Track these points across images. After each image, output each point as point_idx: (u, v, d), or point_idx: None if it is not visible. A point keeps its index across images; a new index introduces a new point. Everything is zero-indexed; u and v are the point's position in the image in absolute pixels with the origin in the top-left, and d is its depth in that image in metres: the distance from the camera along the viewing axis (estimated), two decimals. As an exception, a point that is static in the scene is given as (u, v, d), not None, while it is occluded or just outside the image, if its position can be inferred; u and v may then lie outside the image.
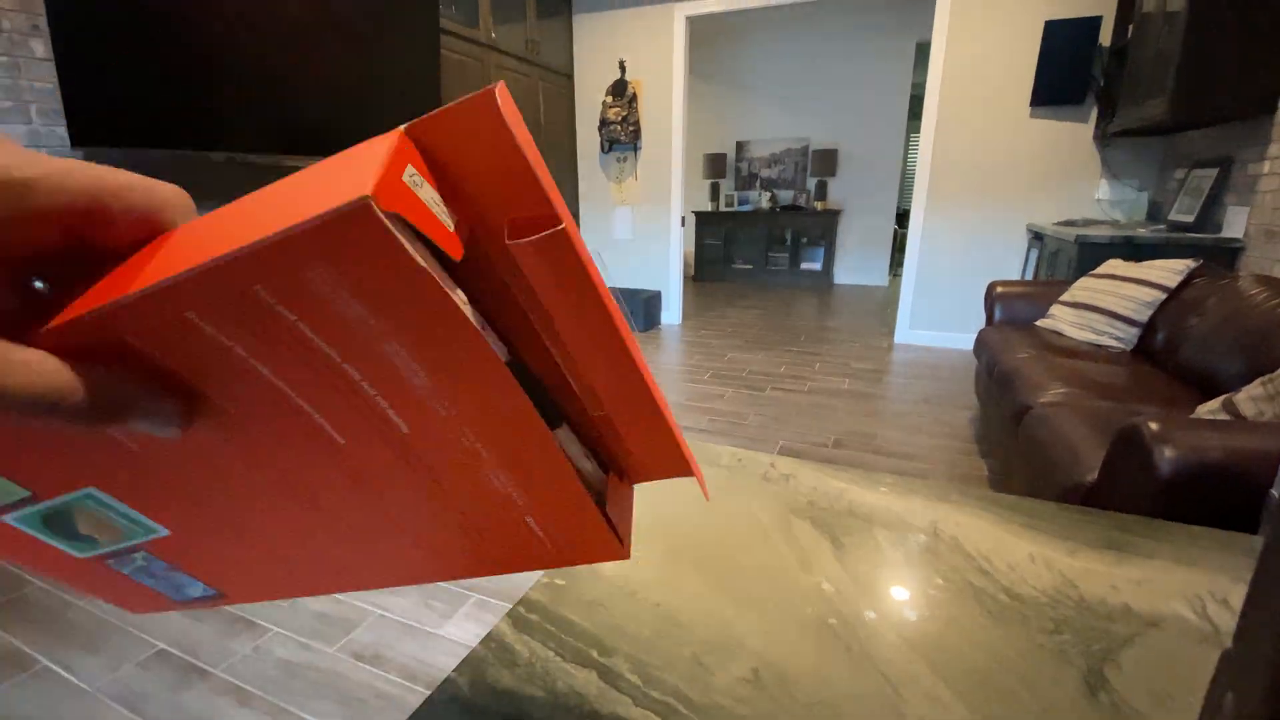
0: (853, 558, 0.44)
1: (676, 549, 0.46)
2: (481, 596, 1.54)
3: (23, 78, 1.72)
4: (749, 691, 0.33)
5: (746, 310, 5.32)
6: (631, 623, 0.38)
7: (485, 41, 3.57)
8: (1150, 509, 1.04)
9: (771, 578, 0.42)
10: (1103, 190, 3.42)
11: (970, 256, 3.78)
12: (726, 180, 6.88)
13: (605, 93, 4.48)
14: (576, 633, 0.37)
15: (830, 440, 2.55)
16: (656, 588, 0.41)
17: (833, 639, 0.36)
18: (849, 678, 0.33)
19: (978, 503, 0.51)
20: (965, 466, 2.31)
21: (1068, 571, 0.42)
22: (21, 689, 1.27)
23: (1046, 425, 1.56)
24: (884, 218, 6.49)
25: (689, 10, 4.12)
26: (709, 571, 0.43)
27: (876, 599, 0.40)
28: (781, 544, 0.46)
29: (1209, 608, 0.38)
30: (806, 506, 0.51)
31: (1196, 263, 2.17)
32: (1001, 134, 3.55)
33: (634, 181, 4.62)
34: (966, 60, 3.53)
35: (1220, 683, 0.22)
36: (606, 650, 0.36)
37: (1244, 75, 2.27)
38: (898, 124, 6.15)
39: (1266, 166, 2.30)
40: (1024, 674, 0.34)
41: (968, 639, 0.36)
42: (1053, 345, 2.21)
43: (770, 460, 0.59)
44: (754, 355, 3.84)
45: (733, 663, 0.35)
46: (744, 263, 6.83)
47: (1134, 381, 1.85)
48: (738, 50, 6.53)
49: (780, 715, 0.31)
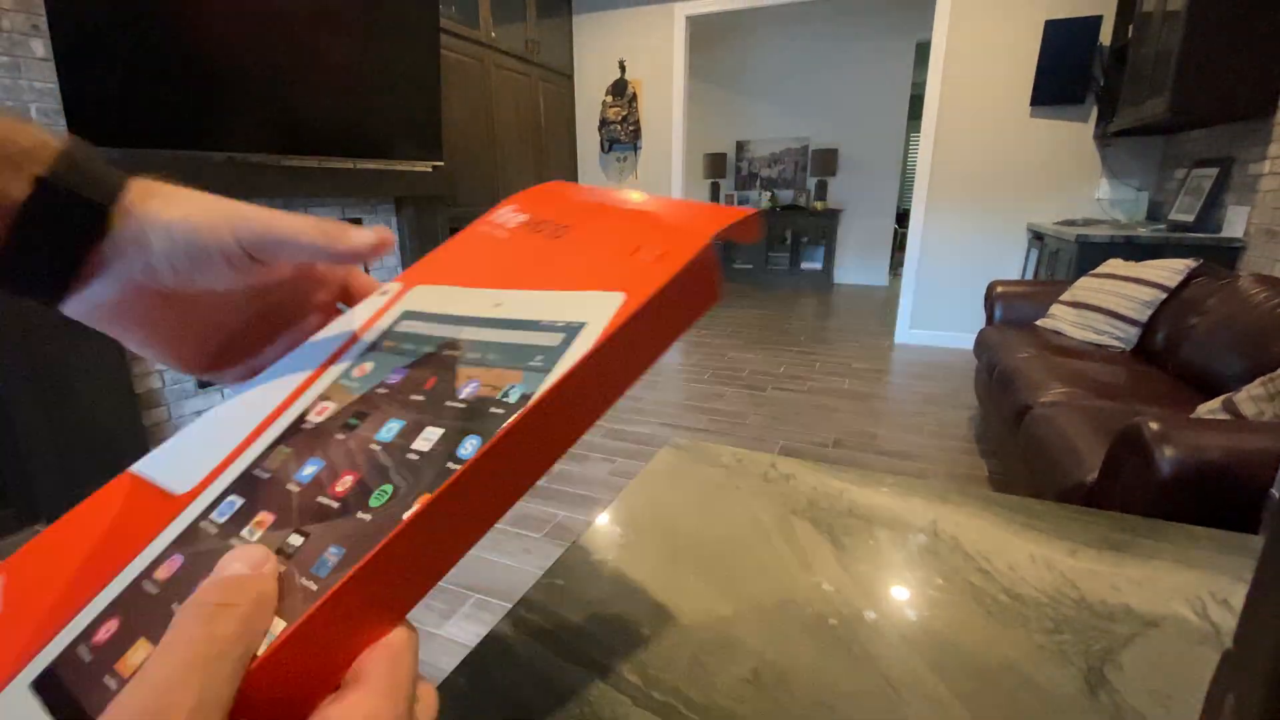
0: (853, 558, 0.44)
1: (676, 549, 0.46)
2: (481, 596, 1.54)
3: (23, 78, 1.72)
4: (749, 691, 0.33)
5: (747, 310, 5.32)
6: (631, 623, 0.38)
7: (485, 41, 3.57)
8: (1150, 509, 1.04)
9: (771, 578, 0.42)
10: (1103, 190, 3.42)
11: (970, 256, 3.78)
12: (726, 180, 6.87)
13: (605, 92, 4.48)
14: (576, 633, 0.37)
15: (830, 440, 2.55)
16: (656, 588, 0.41)
17: (833, 639, 0.36)
18: (849, 678, 0.33)
19: (978, 503, 0.51)
20: (965, 466, 2.30)
21: (1068, 571, 0.42)
22: (22, 689, 1.27)
23: (1047, 425, 1.56)
24: (884, 217, 6.48)
25: (689, 10, 4.12)
26: (709, 571, 0.43)
27: (876, 599, 0.40)
28: (781, 544, 0.46)
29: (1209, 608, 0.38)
30: (807, 506, 0.51)
31: (1197, 262, 2.16)
32: (1001, 134, 3.55)
33: (634, 181, 4.62)
34: (966, 60, 3.53)
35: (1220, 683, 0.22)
36: (606, 650, 0.36)
37: (1244, 75, 2.27)
38: (898, 124, 6.15)
39: (1267, 166, 2.30)
40: (1024, 674, 0.33)
41: (968, 639, 0.36)
42: (1053, 345, 2.21)
43: (770, 460, 0.59)
44: (754, 355, 3.84)
45: (733, 663, 0.35)
46: (744, 262, 6.83)
47: (1134, 381, 1.85)
48: (738, 50, 6.53)
49: (780, 715, 0.31)
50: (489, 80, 3.66)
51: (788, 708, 0.32)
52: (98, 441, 1.95)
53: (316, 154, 2.46)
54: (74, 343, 1.81)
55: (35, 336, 1.77)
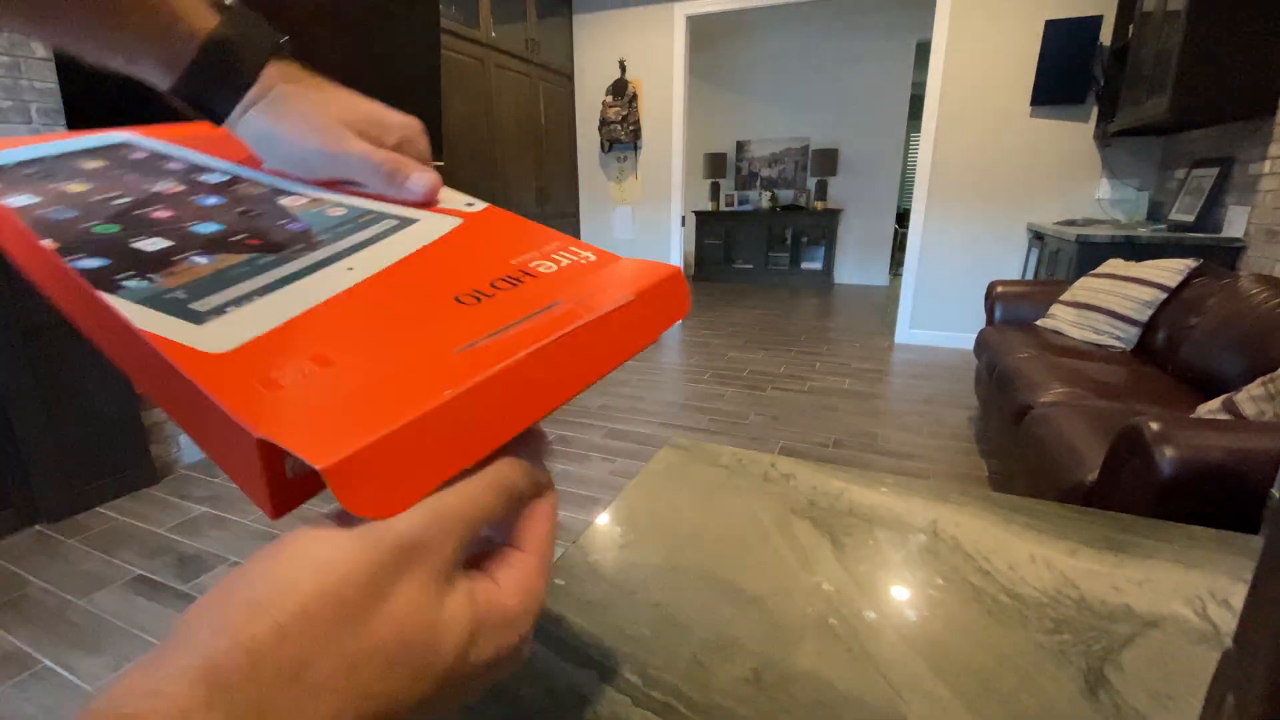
0: (853, 558, 0.44)
1: (676, 549, 0.46)
2: (482, 596, 1.54)
3: (23, 78, 1.72)
4: (749, 691, 0.33)
5: (747, 310, 5.32)
6: (631, 623, 0.38)
7: (485, 41, 3.57)
8: (1151, 509, 1.04)
9: (771, 578, 0.42)
10: (1103, 190, 3.42)
11: (970, 256, 3.78)
12: (726, 180, 6.87)
13: (605, 92, 4.48)
14: (576, 633, 0.37)
15: (830, 440, 2.55)
16: (656, 588, 0.41)
17: (833, 639, 0.36)
18: (849, 678, 0.33)
19: (978, 503, 0.51)
20: (965, 466, 2.30)
21: (1068, 571, 0.42)
22: (22, 689, 1.27)
23: (1047, 425, 1.56)
24: (884, 217, 6.48)
25: (689, 10, 4.12)
26: (709, 571, 0.43)
27: (876, 599, 0.40)
28: (781, 544, 0.46)
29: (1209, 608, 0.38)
30: (807, 506, 0.51)
31: (1197, 262, 2.16)
32: (1002, 134, 3.55)
33: (634, 181, 4.61)
34: (967, 60, 3.53)
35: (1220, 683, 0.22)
36: (606, 650, 0.36)
37: (1244, 75, 2.26)
38: (898, 124, 6.15)
39: (1267, 166, 2.30)
40: (1024, 674, 0.33)
41: (968, 639, 0.36)
42: (1053, 345, 2.21)
43: (770, 460, 0.59)
44: (754, 355, 3.84)
45: (733, 663, 0.35)
46: (744, 262, 6.83)
47: (1134, 381, 1.85)
48: (738, 50, 6.53)
49: (780, 715, 0.31)
50: (489, 80, 3.66)
51: (788, 708, 0.32)
52: (98, 442, 1.95)
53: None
54: (74, 343, 1.81)
55: (35, 336, 1.77)
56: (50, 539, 1.80)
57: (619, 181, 4.67)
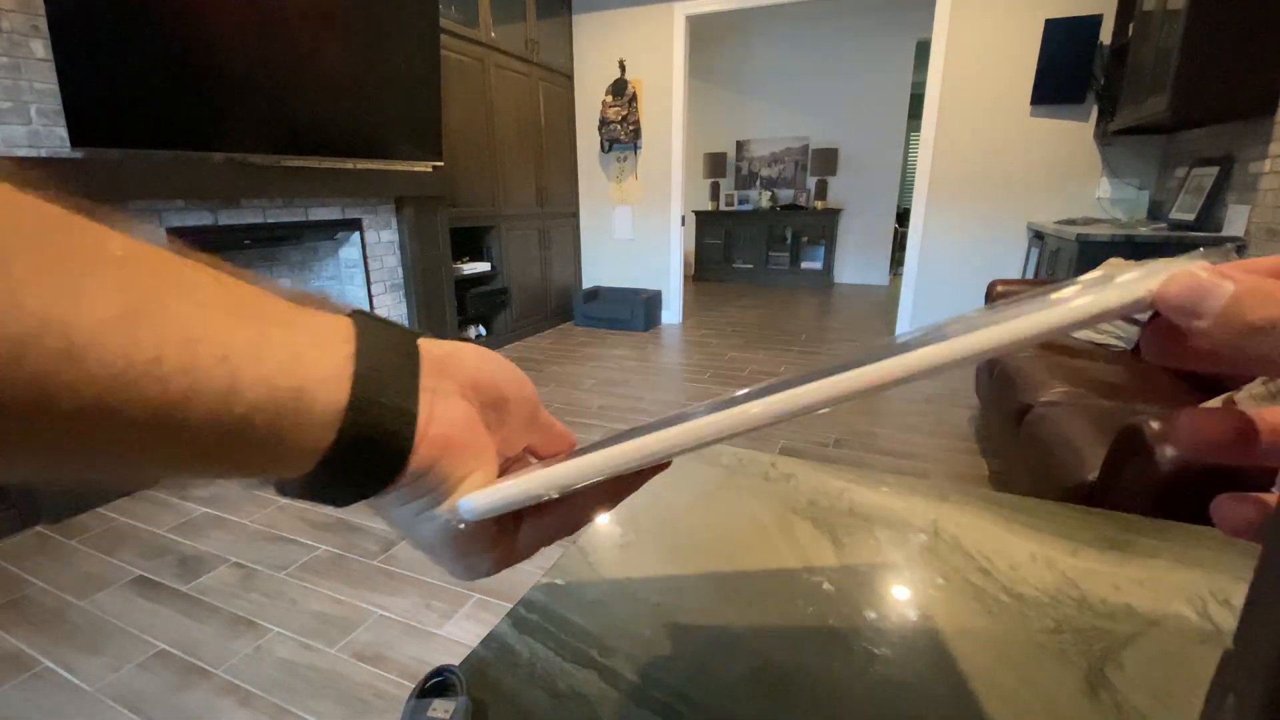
0: (853, 558, 0.44)
1: (676, 549, 0.46)
2: (482, 596, 1.54)
3: (23, 78, 1.72)
4: (749, 691, 0.33)
5: (747, 310, 5.32)
6: (631, 623, 0.38)
7: (485, 41, 3.57)
8: (1151, 508, 1.04)
9: (771, 578, 0.42)
10: (1103, 189, 3.42)
11: (971, 255, 3.77)
12: (726, 180, 6.87)
13: (605, 92, 4.48)
14: (576, 633, 0.37)
15: (831, 440, 2.55)
16: (656, 588, 0.41)
17: (833, 639, 0.36)
18: (849, 678, 0.33)
19: (978, 502, 0.51)
20: (966, 466, 2.30)
21: (1069, 571, 0.42)
22: (22, 690, 1.27)
23: (1047, 424, 1.56)
24: (884, 217, 6.49)
25: (689, 9, 4.12)
26: (709, 571, 0.43)
27: (876, 599, 0.40)
28: (782, 544, 0.46)
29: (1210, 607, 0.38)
30: (807, 506, 0.51)
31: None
32: (1002, 133, 3.54)
33: (634, 181, 4.61)
34: (966, 59, 3.53)
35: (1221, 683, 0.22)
36: (606, 650, 0.36)
37: (1244, 74, 2.26)
38: (898, 123, 6.15)
39: (1267, 165, 2.30)
40: (1025, 673, 0.33)
41: (968, 639, 0.36)
42: (1053, 344, 2.21)
43: (771, 460, 0.59)
44: (754, 355, 3.84)
45: (733, 663, 0.35)
46: (744, 262, 6.83)
47: (1135, 380, 1.85)
48: (738, 50, 6.53)
49: (780, 715, 0.31)
50: (489, 80, 3.66)
51: (788, 708, 0.32)
52: (98, 442, 1.95)
53: (316, 154, 2.46)
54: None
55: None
56: (50, 540, 1.80)
57: (619, 181, 4.67)
